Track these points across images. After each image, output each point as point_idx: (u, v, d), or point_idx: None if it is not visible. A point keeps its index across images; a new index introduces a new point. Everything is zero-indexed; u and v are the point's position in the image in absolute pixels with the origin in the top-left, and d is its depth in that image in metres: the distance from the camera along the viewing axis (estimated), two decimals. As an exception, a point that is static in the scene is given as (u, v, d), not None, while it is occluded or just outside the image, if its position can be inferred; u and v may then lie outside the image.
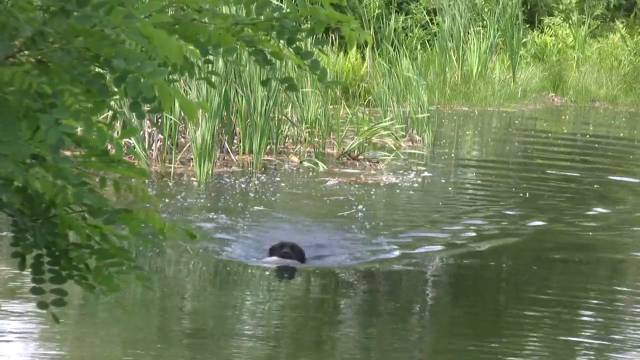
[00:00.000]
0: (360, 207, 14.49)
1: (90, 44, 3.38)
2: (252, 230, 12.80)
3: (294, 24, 3.84)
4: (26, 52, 3.42)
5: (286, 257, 10.10)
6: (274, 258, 10.14)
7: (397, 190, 16.38)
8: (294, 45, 3.89)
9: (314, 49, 4.11)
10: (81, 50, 3.39)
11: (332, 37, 23.29)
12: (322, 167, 17.28)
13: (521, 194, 16.81)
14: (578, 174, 18.96)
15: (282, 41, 3.87)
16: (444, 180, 17.81)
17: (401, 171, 17.64)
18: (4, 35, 3.35)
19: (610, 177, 18.74)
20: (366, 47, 23.27)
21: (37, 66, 3.36)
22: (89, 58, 3.41)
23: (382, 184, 16.50)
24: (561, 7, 31.09)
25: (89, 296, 7.84)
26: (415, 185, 16.90)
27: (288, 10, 3.85)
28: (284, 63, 3.95)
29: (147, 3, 3.46)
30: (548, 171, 19.16)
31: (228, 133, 17.41)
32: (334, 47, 23.43)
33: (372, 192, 15.96)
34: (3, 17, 3.32)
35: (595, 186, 17.81)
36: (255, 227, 13.09)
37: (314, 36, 3.96)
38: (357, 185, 16.25)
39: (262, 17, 3.81)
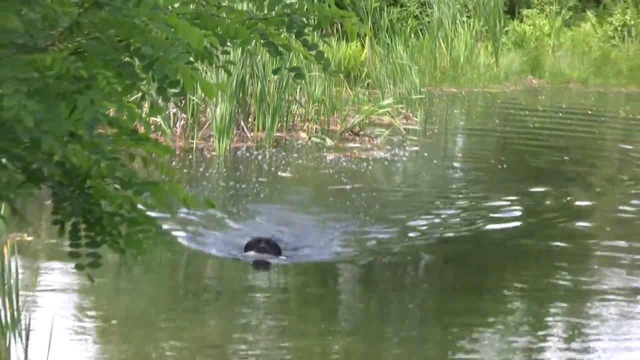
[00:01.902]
0: (353, 180, 14.57)
1: (121, 34, 3.37)
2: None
3: (302, 19, 3.84)
4: (64, 41, 3.40)
5: (262, 252, 9.64)
6: (251, 253, 9.69)
7: (386, 163, 16.41)
8: (302, 38, 3.90)
9: (319, 41, 4.11)
10: (113, 39, 3.38)
11: (336, 26, 23.38)
12: (329, 142, 17.32)
13: (499, 166, 16.92)
14: (552, 145, 19.20)
15: (291, 34, 3.88)
16: (433, 153, 17.89)
17: (397, 145, 17.71)
18: (44, 25, 3.33)
19: (578, 148, 18.88)
20: (366, 36, 23.27)
21: (73, 53, 3.34)
22: (120, 46, 3.39)
23: (377, 158, 16.54)
24: (537, 0, 31.13)
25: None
26: (405, 158, 16.93)
27: (297, 7, 3.86)
28: (292, 54, 3.93)
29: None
30: (527, 142, 19.38)
31: (244, 112, 17.42)
32: (337, 36, 23.46)
33: (369, 166, 16.00)
34: (44, 10, 3.30)
35: (565, 158, 17.92)
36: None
37: (320, 30, 3.97)
38: (354, 160, 16.30)
39: (273, 13, 3.82)
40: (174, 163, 14.82)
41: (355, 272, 10.08)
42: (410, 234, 11.62)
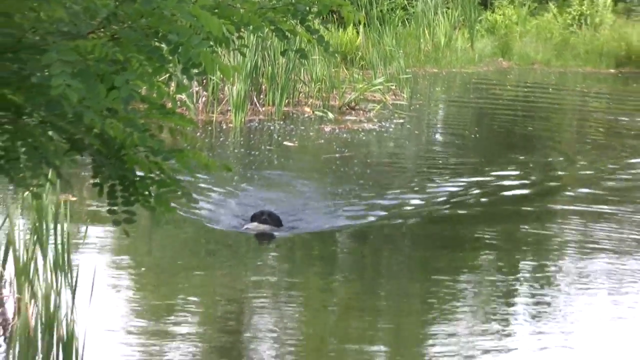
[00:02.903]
0: (344, 148, 14.58)
1: (151, 23, 3.37)
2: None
3: (306, 8, 3.84)
4: (102, 29, 3.40)
5: (265, 223, 9.31)
6: (255, 224, 9.34)
7: (374, 134, 16.41)
8: (305, 24, 3.90)
9: (320, 26, 4.11)
10: (144, 27, 3.38)
11: (335, 15, 23.34)
12: (330, 115, 17.31)
13: (473, 136, 16.93)
14: (519, 115, 19.29)
15: (296, 21, 3.87)
16: (417, 123, 17.91)
17: (386, 117, 17.72)
18: (86, 16, 3.33)
19: (541, 117, 18.92)
20: (360, 24, 23.25)
21: (111, 40, 3.34)
22: (150, 33, 3.39)
23: (367, 129, 16.56)
24: (508, -7, 31.09)
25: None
26: (391, 129, 16.93)
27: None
28: (297, 38, 3.92)
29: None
30: (494, 116, 19.44)
31: (257, 90, 17.42)
32: (336, 24, 23.44)
33: (358, 136, 16.02)
34: (85, 3, 3.30)
35: (529, 128, 17.96)
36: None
37: (321, 17, 3.98)
38: (347, 131, 16.32)
39: (280, 3, 3.81)
40: (197, 134, 14.84)
41: (344, 238, 10.02)
42: (394, 197, 11.61)
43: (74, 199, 9.99)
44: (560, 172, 13.96)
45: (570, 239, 9.98)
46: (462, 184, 12.40)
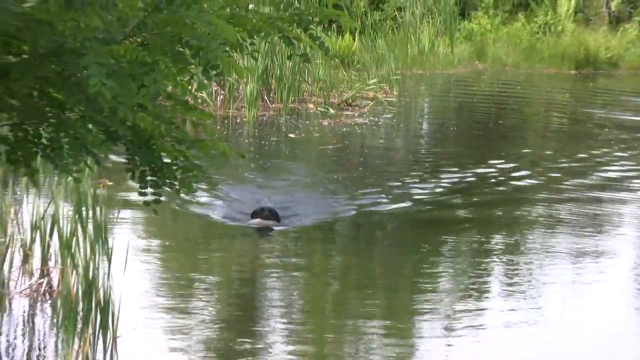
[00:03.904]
0: (337, 140, 14.54)
1: (175, 30, 3.36)
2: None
3: (308, 17, 3.84)
4: (133, 35, 3.39)
5: (265, 219, 8.89)
6: (257, 220, 8.92)
7: (365, 127, 16.38)
8: (308, 32, 3.89)
9: (321, 33, 4.11)
10: (169, 34, 3.37)
11: (334, 25, 23.33)
12: (331, 110, 17.26)
13: (452, 128, 16.93)
14: (493, 108, 19.27)
15: (300, 29, 3.87)
16: (405, 117, 17.89)
17: (379, 112, 17.70)
18: (119, 24, 3.32)
19: (511, 114, 18.89)
20: (356, 32, 23.23)
21: (140, 45, 3.34)
22: (175, 39, 3.38)
23: (359, 123, 16.53)
24: (483, 5, 31.03)
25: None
26: (381, 122, 16.90)
27: (304, 9, 3.86)
28: (302, 44, 3.92)
29: (212, 3, 3.44)
30: (471, 110, 19.46)
31: (267, 89, 17.40)
32: (335, 32, 23.43)
33: (350, 129, 15.99)
34: (118, 13, 3.29)
35: (500, 122, 17.94)
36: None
37: (322, 25, 3.96)
38: (342, 124, 16.30)
39: (287, 13, 3.80)
40: (215, 126, 14.83)
41: (338, 225, 9.94)
42: (382, 183, 11.57)
43: (110, 183, 9.99)
44: (529, 157, 13.93)
45: (539, 219, 9.97)
46: (443, 170, 12.38)
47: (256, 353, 6.08)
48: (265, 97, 17.30)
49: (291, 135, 14.94)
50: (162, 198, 3.79)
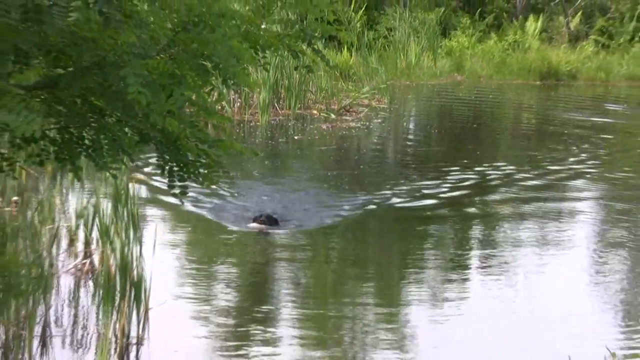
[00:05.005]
0: (331, 142, 14.48)
1: (200, 48, 3.35)
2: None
3: (312, 33, 3.83)
4: (164, 52, 3.39)
5: (264, 224, 8.42)
6: (255, 224, 8.45)
7: (356, 131, 16.36)
8: (312, 47, 3.89)
9: (324, 47, 4.10)
10: (195, 51, 3.37)
11: (334, 42, 23.32)
12: (332, 115, 17.26)
13: (434, 131, 16.90)
14: (469, 115, 19.28)
15: (305, 44, 3.87)
16: (395, 121, 17.86)
17: (372, 117, 17.70)
18: (151, 42, 3.32)
19: (486, 117, 18.88)
20: (353, 48, 23.22)
21: (170, 59, 3.34)
22: (199, 55, 3.38)
23: (352, 127, 16.52)
24: (461, 26, 30.96)
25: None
26: (372, 126, 16.89)
27: (308, 25, 3.86)
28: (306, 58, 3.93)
29: (231, 25, 3.44)
30: (451, 114, 19.45)
31: (277, 97, 17.41)
32: (335, 49, 23.43)
33: (344, 132, 15.96)
34: (151, 32, 3.29)
35: (475, 125, 17.93)
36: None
37: (324, 40, 3.98)
38: (338, 128, 16.28)
39: (293, 31, 3.80)
40: (233, 129, 14.81)
41: (334, 225, 9.90)
42: (373, 179, 11.52)
43: (142, 177, 9.98)
44: (501, 153, 13.92)
45: (510, 210, 9.94)
46: (425, 167, 12.36)
47: (268, 318, 6.09)
48: (276, 104, 17.33)
49: (296, 137, 14.93)
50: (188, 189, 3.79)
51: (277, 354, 5.57)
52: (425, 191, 10.53)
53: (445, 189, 10.71)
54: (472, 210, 9.75)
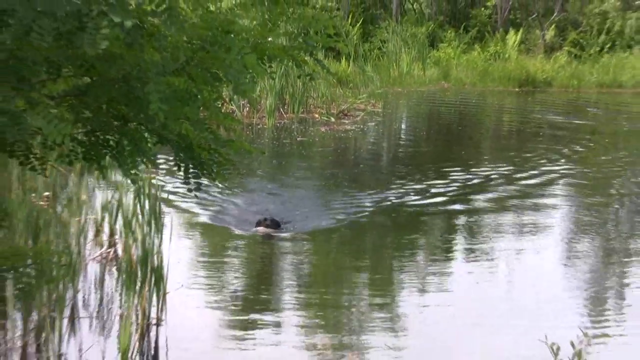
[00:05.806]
0: (328, 143, 14.44)
1: (215, 66, 3.36)
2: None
3: (314, 44, 3.83)
4: (183, 69, 3.39)
5: (267, 227, 8.04)
6: (260, 228, 8.07)
7: (351, 133, 16.35)
8: (314, 57, 3.88)
9: (324, 58, 4.09)
10: (210, 67, 3.37)
11: (333, 53, 23.31)
12: (332, 119, 17.28)
13: (422, 133, 16.91)
14: (456, 115, 19.28)
15: (307, 54, 3.87)
16: (388, 124, 17.85)
17: (368, 120, 17.69)
18: (171, 59, 3.31)
19: (470, 119, 18.87)
20: (350, 58, 23.19)
21: (188, 76, 3.34)
22: (213, 71, 3.38)
23: (348, 129, 16.52)
24: (447, 38, 30.94)
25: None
26: (366, 128, 16.88)
27: (309, 37, 3.85)
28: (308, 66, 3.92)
29: (240, 41, 3.43)
30: (439, 117, 19.44)
31: (282, 103, 17.42)
32: (334, 59, 23.41)
33: (340, 134, 15.95)
34: (171, 51, 3.29)
35: (460, 127, 17.92)
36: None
37: (324, 50, 3.97)
38: (335, 130, 16.28)
39: (296, 43, 3.80)
40: (242, 131, 14.79)
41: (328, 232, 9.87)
42: (368, 178, 11.47)
43: (161, 175, 9.99)
44: (484, 151, 13.90)
45: (494, 205, 9.93)
46: (417, 167, 12.34)
47: (273, 305, 6.10)
48: (281, 109, 17.34)
49: (299, 139, 14.93)
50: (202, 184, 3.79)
51: (282, 335, 5.58)
52: (417, 187, 10.52)
53: (435, 187, 10.69)
54: (458, 206, 9.72)
